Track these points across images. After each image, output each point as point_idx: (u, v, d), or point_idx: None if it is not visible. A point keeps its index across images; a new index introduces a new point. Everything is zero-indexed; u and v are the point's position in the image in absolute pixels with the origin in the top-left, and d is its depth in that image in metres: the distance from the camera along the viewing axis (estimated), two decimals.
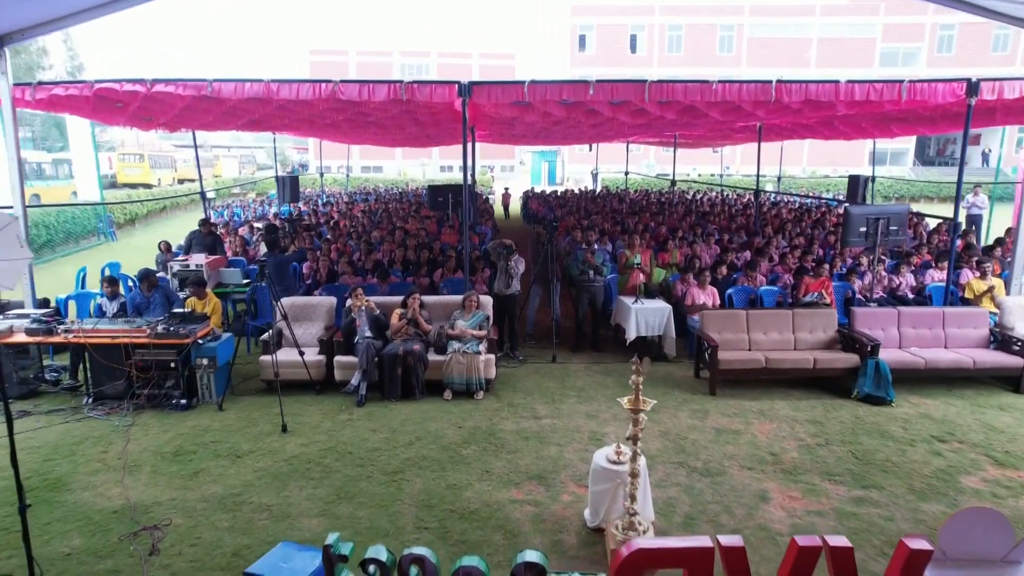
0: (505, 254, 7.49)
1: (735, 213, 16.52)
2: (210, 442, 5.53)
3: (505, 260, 7.49)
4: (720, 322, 6.95)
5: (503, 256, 7.50)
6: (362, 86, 7.15)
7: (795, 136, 15.67)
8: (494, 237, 15.48)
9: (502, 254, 7.53)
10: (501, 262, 7.58)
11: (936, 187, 32.11)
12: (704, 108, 7.70)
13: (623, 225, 13.83)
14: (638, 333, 7.45)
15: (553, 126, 9.40)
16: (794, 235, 12.61)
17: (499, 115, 8.86)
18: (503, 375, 7.17)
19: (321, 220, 16.45)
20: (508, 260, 7.46)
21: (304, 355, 6.45)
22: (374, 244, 11.66)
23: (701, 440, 5.53)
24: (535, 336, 8.54)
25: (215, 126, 9.36)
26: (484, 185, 34.42)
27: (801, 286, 8.04)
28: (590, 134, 12.08)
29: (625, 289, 8.13)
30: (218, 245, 9.90)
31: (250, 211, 19.99)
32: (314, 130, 9.86)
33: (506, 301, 7.60)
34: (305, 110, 8.00)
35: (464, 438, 5.59)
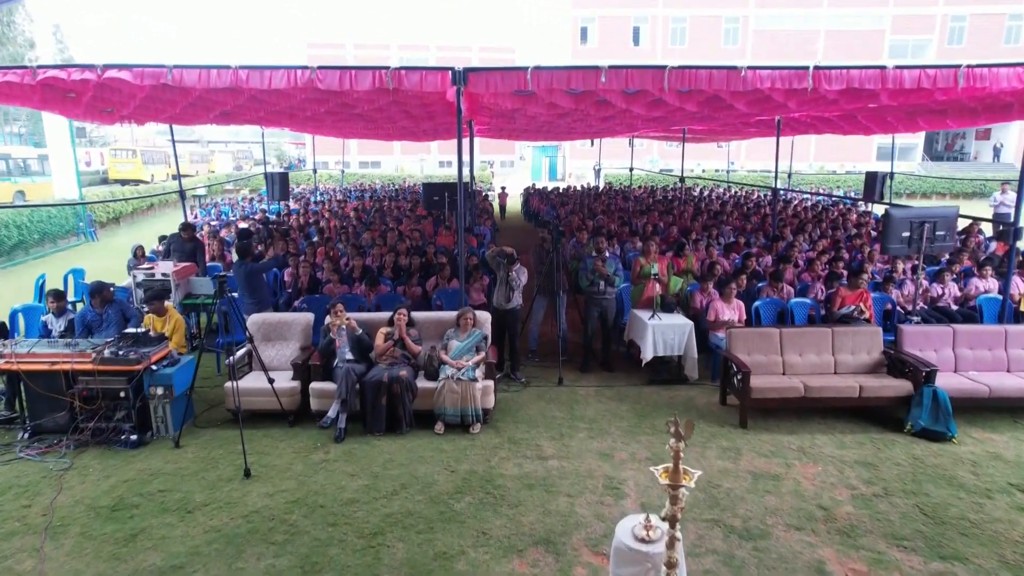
0: (505, 264, 6.64)
1: (748, 212, 15.66)
2: (158, 491, 4.69)
3: (505, 270, 6.64)
4: (750, 342, 6.11)
5: (503, 266, 6.65)
6: (343, 73, 6.27)
7: (811, 131, 14.77)
8: (493, 238, 14.63)
9: (501, 263, 6.68)
10: (501, 272, 6.73)
11: (949, 183, 31.20)
12: (729, 98, 6.84)
13: (631, 226, 12.99)
14: (655, 353, 6.62)
15: (558, 119, 8.56)
16: (815, 237, 11.76)
17: (498, 107, 8.00)
18: (503, 401, 6.33)
19: (311, 220, 15.62)
20: (509, 270, 6.62)
21: (274, 382, 5.60)
22: (364, 248, 10.82)
23: (736, 489, 4.70)
24: (539, 353, 7.70)
25: (185, 119, 8.50)
26: (484, 182, 33.55)
27: (836, 298, 7.19)
28: (598, 128, 11.18)
29: (639, 301, 7.28)
30: (199, 252, 9.04)
31: (238, 209, 19.11)
32: (296, 123, 9.03)
33: (506, 316, 6.76)
34: (281, 101, 7.15)
35: (457, 486, 4.75)
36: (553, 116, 8.50)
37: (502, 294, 6.73)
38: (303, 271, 8.26)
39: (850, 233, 12.58)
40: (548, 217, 18.78)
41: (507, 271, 6.64)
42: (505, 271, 6.65)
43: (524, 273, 6.81)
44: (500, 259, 6.68)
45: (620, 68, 6.15)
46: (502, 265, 6.65)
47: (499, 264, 6.70)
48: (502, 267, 6.67)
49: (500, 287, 6.74)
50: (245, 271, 6.61)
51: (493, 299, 6.85)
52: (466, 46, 47.43)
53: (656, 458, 5.15)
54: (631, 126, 9.86)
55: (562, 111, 7.54)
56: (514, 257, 6.68)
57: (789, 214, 14.95)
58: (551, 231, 7.09)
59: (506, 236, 17.82)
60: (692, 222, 13.18)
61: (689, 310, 7.63)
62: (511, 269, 6.63)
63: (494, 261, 6.78)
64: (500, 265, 6.68)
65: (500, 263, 6.68)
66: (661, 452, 5.24)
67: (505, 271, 6.65)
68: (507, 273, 6.64)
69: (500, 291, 6.75)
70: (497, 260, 6.73)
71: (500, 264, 6.68)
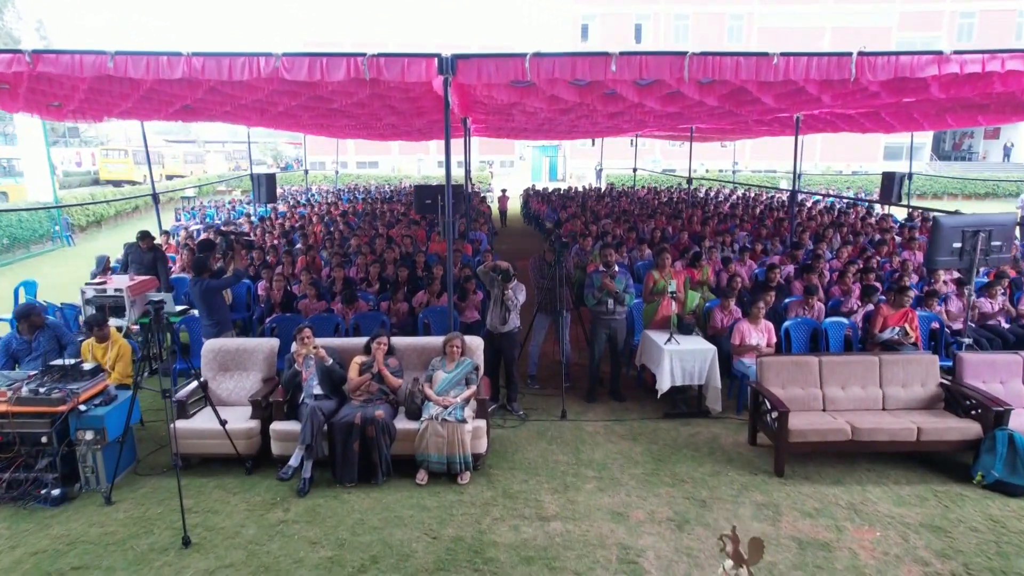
0: (500, 281, 5.78)
1: (761, 215, 14.80)
2: (71, 569, 3.83)
3: (500, 288, 5.78)
4: (784, 372, 5.25)
5: (497, 283, 5.79)
6: (312, 61, 5.41)
7: (828, 129, 13.90)
8: (490, 243, 13.78)
9: (496, 280, 5.81)
10: (495, 290, 5.87)
11: (961, 183, 30.33)
12: (756, 91, 5.98)
13: (638, 231, 12.13)
14: (673, 383, 5.76)
15: (560, 115, 7.71)
16: (835, 244, 10.91)
17: (493, 101, 7.14)
18: (498, 440, 5.48)
19: (297, 223, 14.77)
20: (504, 288, 5.76)
21: (227, 424, 4.75)
22: (350, 256, 9.97)
23: (780, 563, 3.84)
24: (540, 378, 6.84)
25: (142, 114, 7.63)
26: (482, 182, 32.70)
27: (876, 318, 6.34)
28: (604, 125, 10.30)
29: (652, 321, 6.42)
30: (160, 263, 8.17)
31: (224, 212, 18.26)
32: (269, 120, 8.19)
33: (502, 340, 5.91)
34: (246, 94, 6.30)
35: (439, 558, 3.90)
36: (555, 112, 7.65)
37: (496, 315, 5.87)
38: (276, 285, 7.39)
39: (872, 239, 11.72)
40: (549, 220, 17.95)
41: (502, 289, 5.78)
42: (500, 289, 5.79)
43: (522, 291, 5.96)
44: (494, 275, 5.83)
45: (633, 54, 5.30)
46: (496, 283, 5.80)
47: (493, 281, 5.84)
48: (496, 285, 5.81)
49: (495, 307, 5.89)
50: (201, 289, 5.74)
51: (487, 320, 5.99)
52: (465, 45, 46.60)
53: (679, 517, 4.30)
54: (640, 123, 8.98)
55: (565, 106, 6.69)
56: (510, 274, 5.82)
57: (805, 217, 14.09)
58: (553, 242, 6.24)
59: (505, 242, 16.98)
60: (703, 226, 12.31)
61: (707, 329, 6.79)
62: (507, 287, 5.77)
63: (487, 277, 5.93)
64: (494, 282, 5.82)
65: (494, 280, 5.83)
66: (684, 511, 4.39)
67: (500, 289, 5.79)
68: (502, 292, 5.79)
69: (494, 312, 5.90)
70: (490, 276, 5.88)
71: (494, 281, 5.82)
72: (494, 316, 5.90)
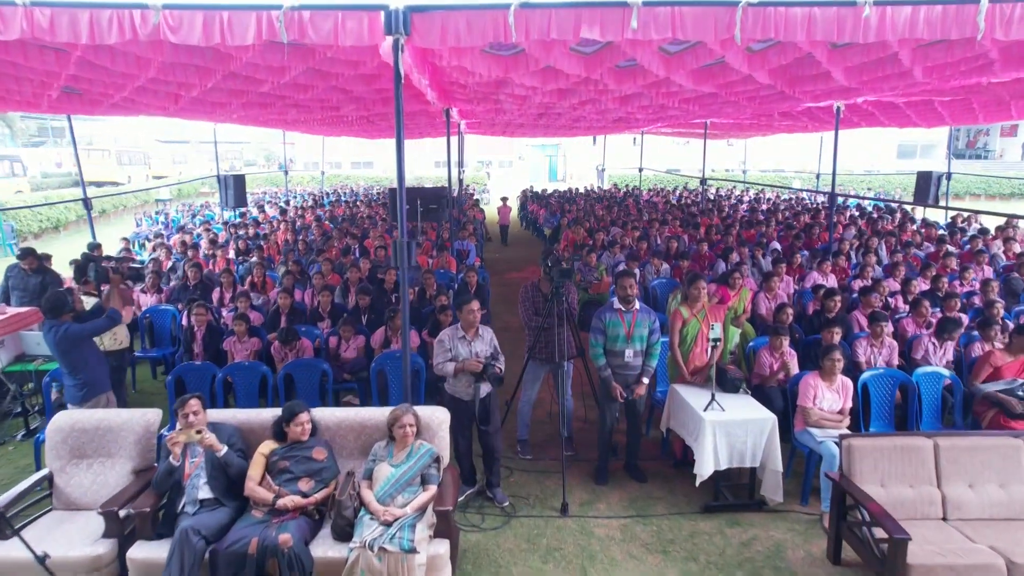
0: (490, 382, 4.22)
1: (787, 220, 13.15)
2: None
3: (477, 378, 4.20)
4: (884, 462, 3.63)
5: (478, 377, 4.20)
6: (208, 18, 3.78)
7: (865, 123, 12.29)
8: (479, 254, 12.14)
9: (480, 380, 4.22)
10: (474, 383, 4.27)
11: (984, 183, 28.67)
12: (827, 60, 4.34)
13: (649, 240, 10.47)
14: (718, 467, 4.13)
15: (559, 100, 6.08)
16: (881, 254, 9.30)
17: (473, 81, 5.52)
18: (471, 552, 3.86)
19: (263, 230, 13.18)
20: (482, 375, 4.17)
21: (47, 560, 3.12)
22: (308, 272, 8.36)
23: None
24: (533, 443, 5.22)
25: (8, 102, 5.86)
26: (477, 183, 31.09)
27: (982, 366, 4.72)
28: (614, 115, 8.49)
29: (684, 374, 4.79)
30: (52, 289, 6.50)
31: (188, 218, 16.62)
32: (189, 108, 6.54)
33: (471, 408, 4.27)
34: (136, 70, 4.64)
35: None
36: (552, 95, 6.03)
37: (462, 384, 4.27)
38: (197, 320, 5.75)
39: (917, 247, 10.09)
40: (547, 225, 16.30)
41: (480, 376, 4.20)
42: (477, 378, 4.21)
43: (502, 360, 4.36)
44: (478, 382, 4.23)
45: (663, 4, 3.69)
46: (477, 382, 4.21)
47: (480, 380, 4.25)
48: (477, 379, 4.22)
49: (460, 375, 4.27)
50: (58, 336, 4.10)
51: (447, 384, 4.37)
52: None
53: None
54: (659, 110, 7.28)
55: (566, 84, 5.06)
56: (501, 379, 4.24)
57: (841, 223, 12.42)
58: (549, 267, 4.60)
59: (498, 251, 15.33)
60: (724, 235, 10.66)
61: (751, 377, 5.17)
62: (485, 374, 4.18)
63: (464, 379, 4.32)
64: (477, 382, 4.23)
65: (482, 378, 4.23)
66: None
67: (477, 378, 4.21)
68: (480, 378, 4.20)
69: (461, 379, 4.28)
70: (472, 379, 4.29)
71: (478, 380, 4.23)
72: (458, 384, 4.29)
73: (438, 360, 4.24)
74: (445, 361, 4.21)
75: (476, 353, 4.23)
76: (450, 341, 4.24)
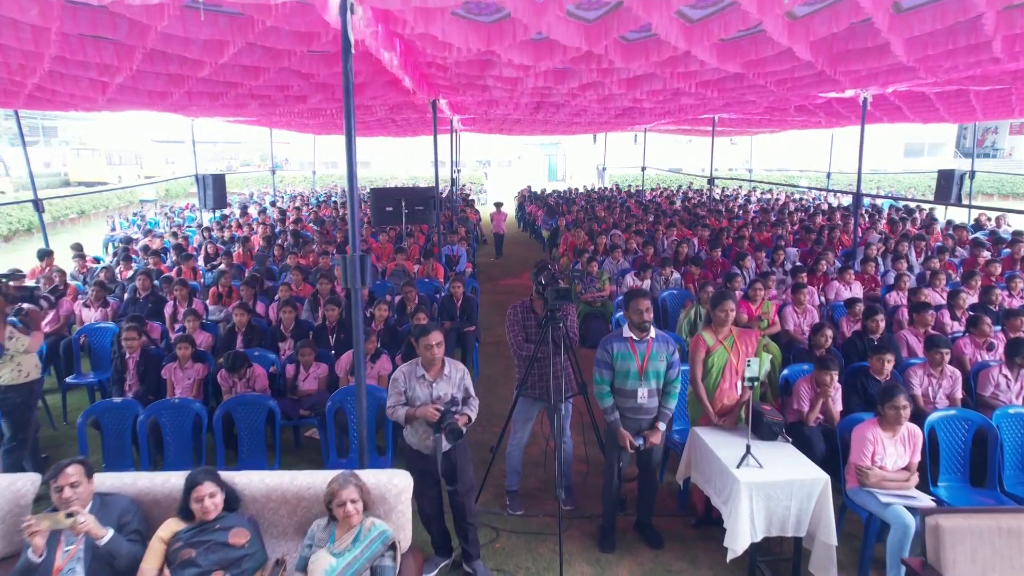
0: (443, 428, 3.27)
1: (804, 223, 12.28)
2: None
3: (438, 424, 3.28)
4: (986, 549, 2.75)
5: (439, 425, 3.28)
6: None
7: (888, 117, 11.43)
8: (470, 260, 11.28)
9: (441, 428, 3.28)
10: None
11: (997, 182, 27.78)
12: (888, 28, 3.45)
13: (655, 245, 9.56)
14: (754, 537, 3.26)
15: (557, 83, 5.21)
16: (912, 261, 8.43)
17: (450, 57, 4.63)
18: None
19: (243, 233, 12.30)
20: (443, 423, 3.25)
21: None
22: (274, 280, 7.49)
23: None
24: (523, 495, 4.34)
25: None
26: (474, 183, 30.25)
27: None
28: (620, 103, 7.46)
29: (709, 414, 3.91)
30: None
31: (169, 221, 15.75)
32: (125, 99, 5.68)
33: (433, 463, 3.39)
34: (36, 48, 3.75)
35: None
36: (548, 78, 5.15)
37: (420, 434, 3.39)
38: (128, 345, 4.87)
39: (948, 251, 9.21)
40: (545, 227, 15.42)
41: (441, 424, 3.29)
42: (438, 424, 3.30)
43: (474, 405, 3.47)
44: (437, 433, 3.31)
45: None
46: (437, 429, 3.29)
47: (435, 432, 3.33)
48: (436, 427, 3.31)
49: (416, 423, 3.38)
50: None
51: (405, 435, 3.49)
52: None
53: None
54: (673, 96, 6.33)
55: (563, 59, 4.17)
56: (462, 433, 3.30)
57: (864, 225, 11.53)
58: (543, 285, 3.73)
59: (492, 255, 14.43)
60: (735, 238, 9.78)
61: (785, 414, 4.32)
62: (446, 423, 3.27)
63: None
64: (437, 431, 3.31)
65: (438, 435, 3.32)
66: None
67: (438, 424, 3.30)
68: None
69: (418, 428, 3.40)
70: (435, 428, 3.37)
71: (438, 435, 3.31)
72: (415, 431, 3.41)
73: (390, 403, 3.37)
74: (397, 405, 3.34)
75: (437, 397, 3.35)
76: (405, 380, 3.37)
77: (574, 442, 4.40)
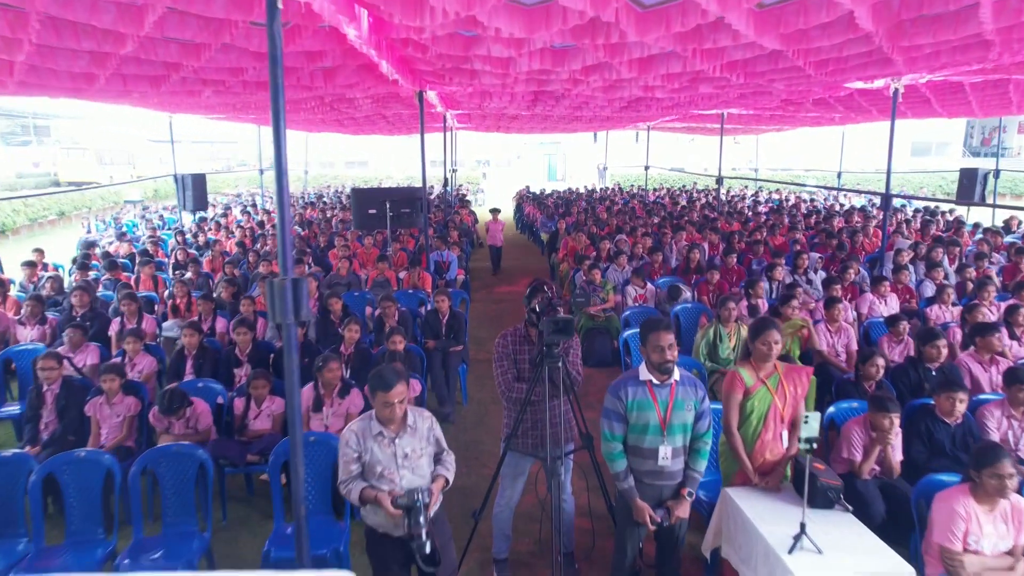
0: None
1: (820, 225, 11.49)
2: None
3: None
4: None
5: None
6: None
7: (912, 112, 10.65)
8: (463, 265, 10.49)
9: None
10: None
11: (1011, 181, 26.98)
12: (993, 11, 2.66)
13: (661, 249, 8.74)
14: None
15: (556, 65, 4.42)
16: (946, 268, 7.64)
17: (425, 29, 3.85)
18: None
19: (220, 237, 11.54)
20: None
21: None
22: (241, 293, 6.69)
23: None
24: (517, 557, 3.56)
25: None
26: (471, 183, 29.47)
27: None
28: (630, 90, 6.67)
29: (746, 471, 3.13)
30: None
31: (147, 224, 14.95)
32: (23, 83, 4.96)
33: (402, 547, 2.60)
34: None
35: None
36: (545, 58, 4.37)
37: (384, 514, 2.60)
38: (45, 375, 4.09)
39: (986, 257, 8.41)
40: (544, 230, 14.59)
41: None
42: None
43: (450, 462, 2.72)
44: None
45: None
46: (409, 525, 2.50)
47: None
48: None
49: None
50: None
51: (363, 513, 2.70)
52: None
53: None
54: (691, 82, 5.52)
55: (561, 38, 3.39)
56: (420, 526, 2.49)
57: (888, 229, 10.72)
58: (537, 313, 2.94)
59: (486, 260, 13.58)
60: (750, 243, 8.98)
61: (831, 461, 3.54)
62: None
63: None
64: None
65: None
66: None
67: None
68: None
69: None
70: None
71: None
72: (375, 509, 2.62)
73: (341, 476, 2.59)
74: (350, 479, 2.56)
75: (404, 456, 2.57)
76: (359, 442, 2.59)
77: (575, 487, 3.61)
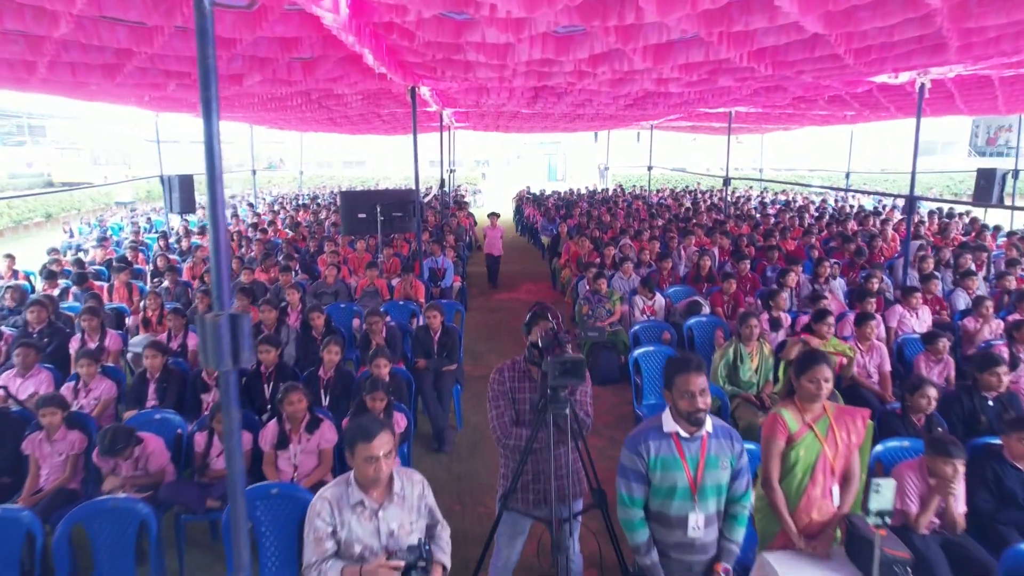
0: None
1: (834, 227, 10.98)
2: None
3: None
4: None
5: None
6: None
7: (933, 110, 10.13)
8: (459, 271, 9.97)
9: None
10: None
11: (1021, 182, 26.40)
12: None
13: (670, 255, 8.22)
14: None
15: (559, 54, 3.94)
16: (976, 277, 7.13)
17: (410, 19, 3.35)
18: None
19: (205, 241, 11.00)
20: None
21: None
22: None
23: None
24: None
25: None
26: (470, 184, 28.96)
27: None
28: (639, 84, 6.13)
29: (790, 532, 2.62)
30: None
31: (133, 227, 14.46)
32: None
33: None
34: None
35: None
36: (548, 44, 3.87)
37: None
38: None
39: (1018, 264, 7.90)
40: (545, 233, 14.07)
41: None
42: None
43: (445, 537, 2.23)
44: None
45: None
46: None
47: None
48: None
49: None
50: None
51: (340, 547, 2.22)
52: None
53: None
54: (712, 73, 5.02)
55: (567, 16, 2.92)
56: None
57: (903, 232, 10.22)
58: (541, 351, 2.43)
59: (482, 264, 13.05)
60: (762, 248, 8.48)
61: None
62: None
63: None
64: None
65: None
66: None
67: None
68: None
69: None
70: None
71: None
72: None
73: (308, 556, 2.08)
74: (321, 560, 2.05)
75: (389, 533, 2.07)
76: (333, 513, 2.08)
77: (582, 532, 3.10)
